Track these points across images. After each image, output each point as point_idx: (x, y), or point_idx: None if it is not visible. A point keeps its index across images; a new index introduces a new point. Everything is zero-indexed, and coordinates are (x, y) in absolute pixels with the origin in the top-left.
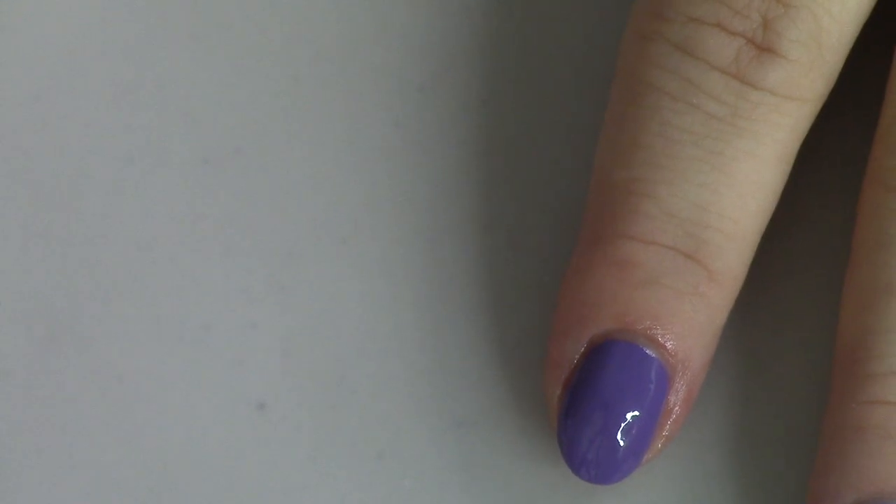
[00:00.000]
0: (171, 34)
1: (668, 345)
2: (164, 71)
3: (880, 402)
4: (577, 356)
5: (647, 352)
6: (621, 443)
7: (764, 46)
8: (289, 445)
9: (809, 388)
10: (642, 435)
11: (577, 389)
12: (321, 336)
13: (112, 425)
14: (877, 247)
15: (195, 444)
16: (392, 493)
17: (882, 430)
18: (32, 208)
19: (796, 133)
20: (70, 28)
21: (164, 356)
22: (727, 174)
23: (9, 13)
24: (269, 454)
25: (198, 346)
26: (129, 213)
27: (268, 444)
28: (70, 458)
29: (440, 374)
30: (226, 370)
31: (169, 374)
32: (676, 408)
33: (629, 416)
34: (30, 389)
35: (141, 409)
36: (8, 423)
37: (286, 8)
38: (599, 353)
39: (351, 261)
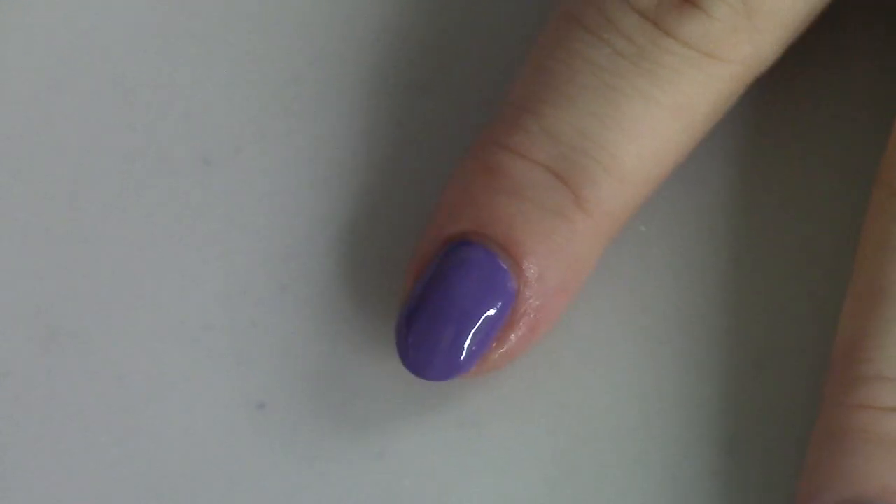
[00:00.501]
0: (171, 34)
1: (522, 257)
2: (164, 71)
3: (866, 406)
4: (433, 251)
5: (499, 260)
6: (452, 342)
7: None
8: (289, 445)
9: (810, 388)
10: (479, 341)
11: (427, 285)
12: (321, 336)
13: (112, 425)
14: (878, 249)
15: (195, 444)
16: (392, 493)
17: (866, 433)
18: (32, 208)
19: (711, 92)
20: (70, 28)
21: (164, 356)
22: (617, 109)
23: (9, 13)
24: (269, 454)
25: (198, 346)
26: (129, 213)
27: (268, 444)
28: (70, 458)
29: None
30: (226, 370)
31: (169, 374)
32: (522, 324)
33: (469, 318)
34: (30, 389)
35: (141, 409)
36: (8, 423)
37: (286, 8)
38: (452, 251)
39: (351, 260)
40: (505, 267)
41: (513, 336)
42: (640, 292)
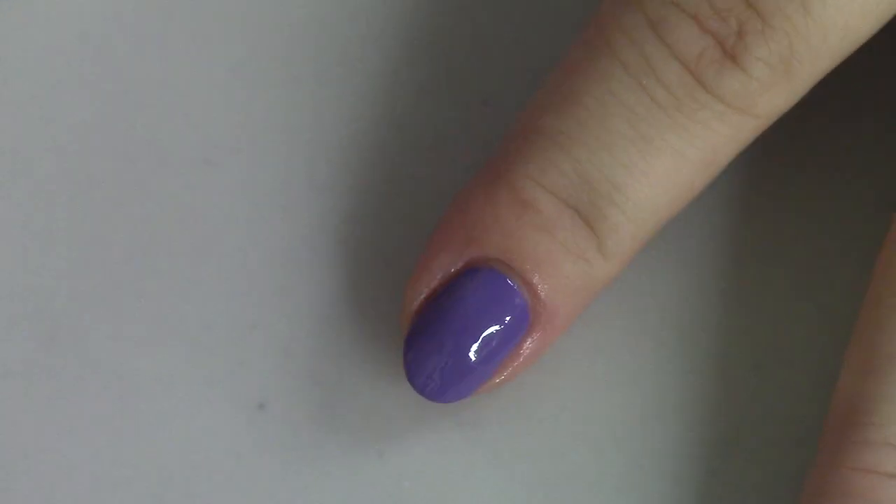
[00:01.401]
0: (172, 34)
1: (542, 294)
2: (164, 71)
3: (870, 471)
4: (451, 269)
5: (519, 292)
6: (466, 365)
7: (730, 54)
8: (289, 445)
9: (810, 388)
10: (485, 367)
11: (442, 303)
12: (321, 336)
13: (112, 425)
14: (887, 310)
15: (195, 444)
16: (392, 493)
17: (866, 499)
18: (32, 208)
19: (734, 143)
20: (70, 28)
21: (164, 356)
22: (648, 163)
23: (9, 13)
24: (269, 454)
25: (198, 346)
26: (129, 213)
27: (268, 444)
28: (70, 458)
29: None
30: (226, 370)
31: (169, 374)
32: (522, 357)
33: (482, 343)
34: (30, 389)
35: (141, 409)
36: (8, 423)
37: (286, 8)
38: (475, 274)
39: (351, 261)
40: (525, 301)
41: (512, 367)
42: (640, 293)
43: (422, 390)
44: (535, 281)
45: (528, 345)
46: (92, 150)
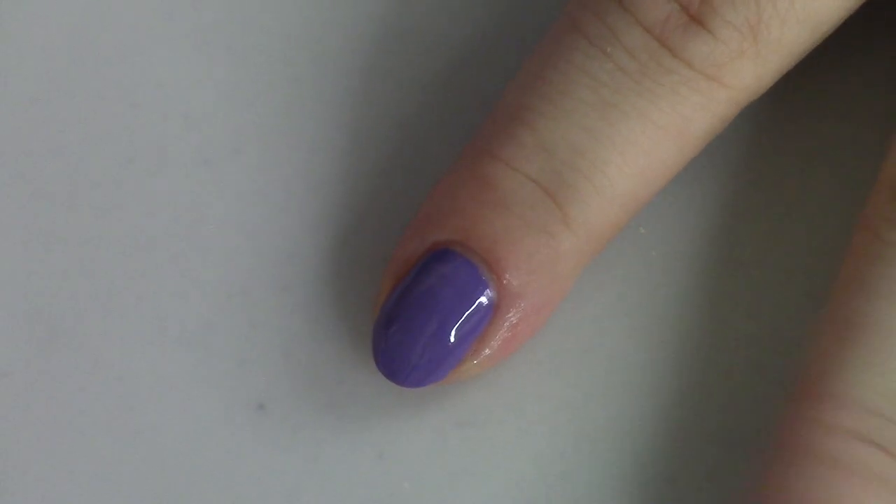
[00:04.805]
0: (171, 34)
1: (503, 272)
2: (164, 71)
3: (825, 426)
4: (414, 256)
5: (480, 272)
6: (427, 351)
7: (695, 17)
8: (289, 445)
9: None
10: (454, 351)
11: (406, 291)
12: (321, 336)
13: (112, 425)
14: (849, 285)
15: (195, 444)
16: (392, 493)
17: (834, 460)
18: (32, 208)
19: (707, 114)
20: (70, 28)
21: (164, 356)
22: (613, 127)
23: (9, 13)
24: (269, 454)
25: (198, 346)
26: (129, 213)
27: (268, 444)
28: (70, 457)
29: None
30: (226, 370)
31: (169, 374)
32: (497, 338)
33: (445, 328)
34: (30, 389)
35: (141, 409)
36: (8, 423)
37: (286, 8)
38: (434, 259)
39: (351, 261)
40: (486, 280)
41: (487, 350)
42: (640, 293)
43: (391, 377)
44: (494, 258)
45: (493, 331)
46: (92, 150)
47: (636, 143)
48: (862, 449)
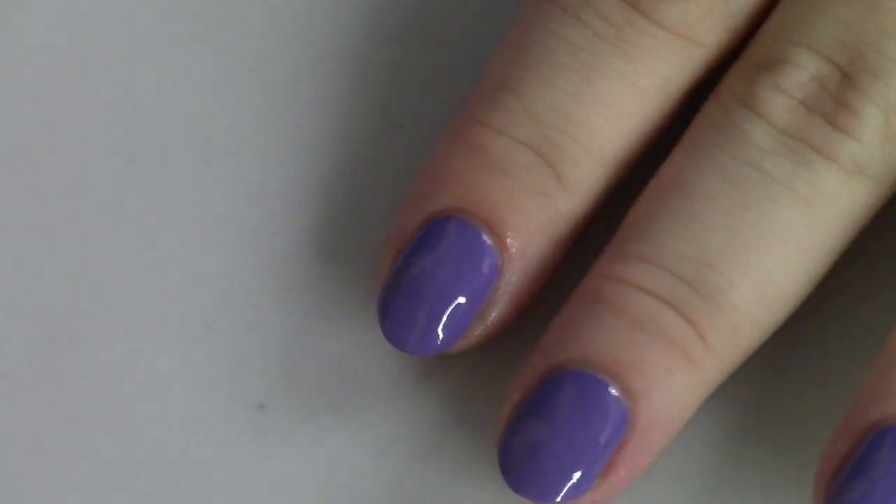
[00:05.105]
0: (171, 34)
1: (506, 235)
2: (164, 71)
3: (623, 280)
4: (413, 228)
5: (482, 236)
6: (432, 319)
7: None
8: (289, 445)
9: (810, 388)
10: (460, 317)
11: (408, 260)
12: (321, 336)
13: (112, 425)
14: (688, 150)
15: (195, 444)
16: (392, 493)
17: (614, 305)
18: (32, 208)
19: (685, 74)
20: (70, 28)
21: (164, 356)
22: (595, 88)
23: (9, 13)
24: (269, 454)
25: (198, 346)
26: (129, 213)
27: (268, 444)
28: (70, 457)
29: (441, 373)
30: (226, 370)
31: (169, 374)
32: (502, 302)
33: (451, 294)
34: (30, 389)
35: (141, 409)
36: (8, 423)
37: (286, 8)
38: (434, 227)
39: (351, 261)
40: (489, 243)
41: (494, 314)
42: None
43: (398, 345)
44: (496, 221)
45: (501, 291)
46: (92, 150)
47: (617, 103)
48: (654, 305)
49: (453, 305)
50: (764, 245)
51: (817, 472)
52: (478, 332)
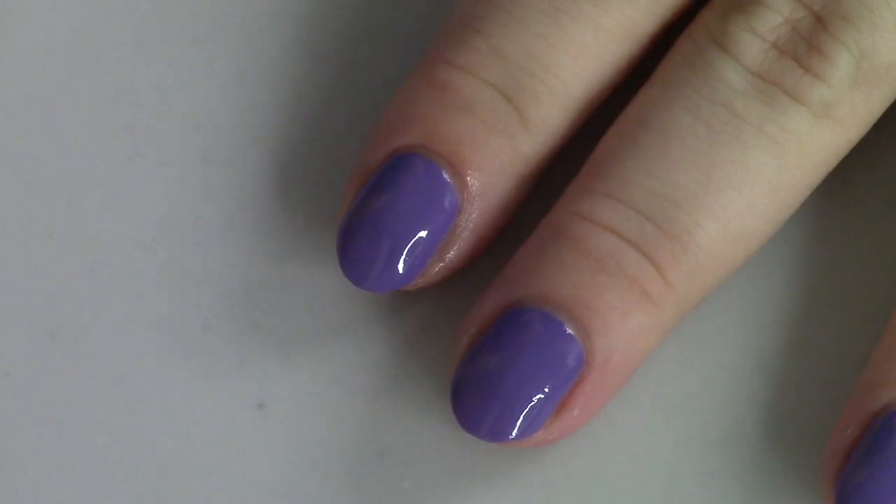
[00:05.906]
0: (171, 34)
1: (466, 173)
2: (164, 71)
3: (586, 218)
4: (375, 164)
5: (443, 174)
6: (393, 255)
7: None
8: (289, 445)
9: (810, 388)
10: (419, 253)
11: (370, 194)
12: (321, 336)
13: (112, 425)
14: (660, 86)
15: (195, 444)
16: (392, 493)
17: (576, 242)
18: (32, 208)
19: (652, 17)
20: (70, 28)
21: (165, 356)
22: (563, 30)
23: (9, 13)
24: (269, 454)
25: (198, 346)
26: (129, 213)
27: (268, 444)
28: (70, 457)
29: (441, 373)
30: (226, 370)
31: (169, 374)
32: (462, 239)
33: (411, 230)
34: (30, 389)
35: (141, 408)
36: (8, 423)
37: (286, 8)
38: (397, 162)
39: None
40: (450, 181)
41: (453, 251)
42: None
43: (356, 282)
44: (459, 159)
45: (460, 229)
46: (92, 149)
47: (587, 46)
48: (618, 245)
49: (414, 240)
50: (732, 186)
51: (825, 457)
52: (436, 270)
